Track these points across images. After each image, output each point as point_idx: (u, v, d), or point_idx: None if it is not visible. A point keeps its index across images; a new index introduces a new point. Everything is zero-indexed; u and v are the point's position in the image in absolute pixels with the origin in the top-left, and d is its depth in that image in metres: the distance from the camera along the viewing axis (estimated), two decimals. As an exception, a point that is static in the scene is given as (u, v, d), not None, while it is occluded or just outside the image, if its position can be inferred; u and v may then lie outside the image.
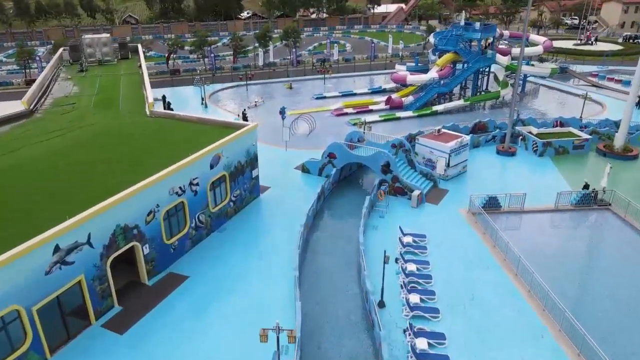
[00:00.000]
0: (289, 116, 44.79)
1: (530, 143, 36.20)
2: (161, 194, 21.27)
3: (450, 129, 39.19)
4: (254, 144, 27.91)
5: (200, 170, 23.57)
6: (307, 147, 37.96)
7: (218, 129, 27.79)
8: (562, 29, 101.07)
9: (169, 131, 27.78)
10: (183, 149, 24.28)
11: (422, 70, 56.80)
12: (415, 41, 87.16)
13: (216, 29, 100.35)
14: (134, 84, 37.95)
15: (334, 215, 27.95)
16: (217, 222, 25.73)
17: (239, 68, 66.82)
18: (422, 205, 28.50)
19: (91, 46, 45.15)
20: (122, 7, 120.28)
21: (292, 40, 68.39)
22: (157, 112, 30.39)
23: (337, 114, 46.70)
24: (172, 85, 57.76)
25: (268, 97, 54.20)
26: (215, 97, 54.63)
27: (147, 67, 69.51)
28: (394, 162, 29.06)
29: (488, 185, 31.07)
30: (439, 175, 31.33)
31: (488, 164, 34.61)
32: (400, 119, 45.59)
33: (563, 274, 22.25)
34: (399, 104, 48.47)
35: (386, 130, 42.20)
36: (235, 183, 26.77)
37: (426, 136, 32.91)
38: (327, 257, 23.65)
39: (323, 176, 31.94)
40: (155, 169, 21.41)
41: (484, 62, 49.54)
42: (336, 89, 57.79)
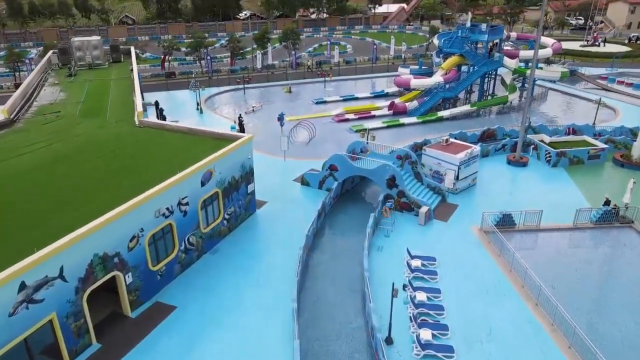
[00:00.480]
0: (287, 122, 42.85)
1: (542, 153, 34.22)
2: (146, 217, 19.30)
3: (457, 137, 37.31)
4: (250, 157, 25.94)
5: (190, 189, 21.61)
6: (307, 156, 36.02)
7: (211, 141, 25.82)
8: (567, 29, 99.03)
9: (157, 143, 25.80)
10: (172, 164, 22.39)
11: (426, 73, 54.84)
12: (418, 42, 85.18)
13: (214, 30, 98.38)
14: (124, 90, 35.95)
15: (335, 234, 25.96)
16: (209, 243, 23.76)
17: (237, 70, 64.77)
18: (431, 223, 26.52)
19: (81, 49, 43.13)
20: (119, 7, 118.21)
21: (291, 42, 66.33)
22: (146, 122, 28.42)
23: (338, 120, 44.72)
24: (167, 89, 55.76)
25: (266, 102, 52.21)
26: (211, 101, 52.62)
27: (141, 70, 67.84)
28: (400, 176, 27.08)
29: (499, 199, 29.15)
30: (448, 189, 29.36)
31: (499, 175, 32.63)
32: (404, 125, 43.58)
33: (587, 301, 20.35)
34: (402, 109, 46.48)
35: (390, 137, 40.32)
36: (229, 200, 24.80)
37: (433, 146, 30.93)
38: (329, 284, 21.68)
39: (324, 189, 29.99)
40: (140, 187, 19.47)
41: (491, 66, 47.55)
42: (337, 92, 55.78)
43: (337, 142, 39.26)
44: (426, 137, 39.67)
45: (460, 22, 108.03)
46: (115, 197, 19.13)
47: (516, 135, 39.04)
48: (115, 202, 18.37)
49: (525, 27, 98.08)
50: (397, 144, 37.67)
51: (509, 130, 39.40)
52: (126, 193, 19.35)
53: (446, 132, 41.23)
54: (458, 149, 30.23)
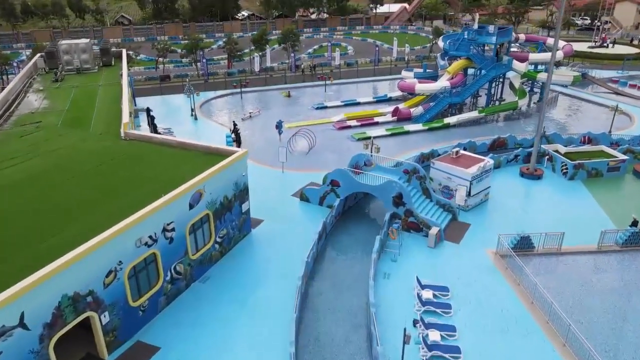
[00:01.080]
0: (286, 130, 40.70)
1: (558, 164, 32.02)
2: (125, 248, 17.13)
3: (466, 147, 35.19)
4: (244, 174, 23.76)
5: (177, 213, 19.42)
6: (307, 167, 33.88)
7: (202, 156, 23.68)
8: (573, 29, 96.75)
9: (143, 159, 23.61)
10: (158, 184, 20.29)
11: (431, 77, 52.54)
12: (421, 44, 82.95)
13: (212, 30, 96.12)
14: (112, 97, 33.74)
15: (337, 258, 23.74)
16: (199, 270, 21.58)
17: (234, 73, 62.52)
18: (441, 245, 24.34)
19: (68, 52, 40.92)
20: (116, 7, 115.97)
21: (290, 44, 64.08)
22: (132, 134, 26.23)
23: (340, 127, 42.52)
24: (161, 93, 53.54)
25: (264, 107, 50.01)
26: (207, 106, 50.39)
27: (135, 72, 65.69)
28: (408, 193, 24.89)
29: (514, 216, 27.00)
30: (458, 206, 27.18)
31: (512, 189, 30.44)
32: (409, 133, 41.38)
33: (620, 339, 18.16)
34: (407, 115, 44.28)
35: (394, 146, 38.18)
36: (222, 221, 22.62)
37: (442, 159, 28.74)
38: (330, 318, 19.49)
39: (324, 206, 27.81)
40: (120, 213, 17.35)
41: (500, 70, 45.33)
42: (338, 97, 53.58)
43: (339, 151, 37.14)
44: (433, 146, 37.52)
45: (464, 23, 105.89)
46: (90, 225, 17.01)
47: (528, 145, 36.97)
48: (91, 231, 16.25)
49: (530, 27, 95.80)
50: (402, 154, 35.66)
51: (521, 139, 37.23)
52: (104, 220, 17.23)
53: (453, 140, 39.17)
54: (469, 162, 28.04)
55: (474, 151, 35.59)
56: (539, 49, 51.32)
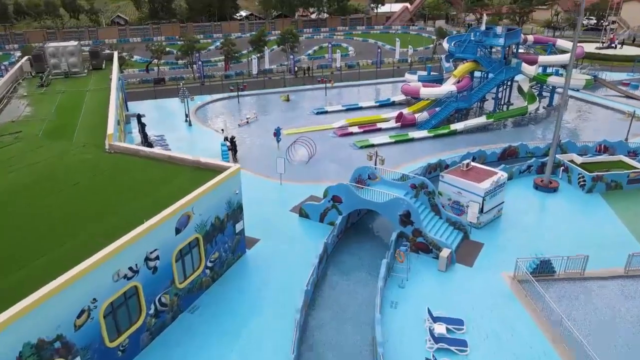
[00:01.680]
0: (285, 137, 38.72)
1: (575, 176, 30.02)
2: (100, 284, 15.12)
3: (476, 156, 33.22)
4: (237, 191, 21.75)
5: (162, 239, 17.42)
6: (306, 179, 31.91)
7: (191, 172, 21.69)
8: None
9: (127, 176, 21.60)
10: (142, 204, 18.35)
11: (436, 80, 50.65)
12: (424, 44, 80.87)
13: (209, 31, 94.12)
14: (100, 103, 31.70)
15: (339, 283, 21.71)
16: (188, 300, 19.59)
17: (231, 76, 60.48)
18: (453, 268, 22.33)
19: (55, 56, 38.88)
20: (113, 7, 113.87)
21: (289, 45, 62.03)
22: (117, 147, 24.21)
23: (341, 134, 40.51)
24: (155, 97, 51.51)
25: (262, 111, 48.00)
26: (202, 111, 48.38)
27: (129, 75, 63.61)
28: (416, 211, 22.87)
29: (530, 234, 25.01)
30: (470, 223, 25.18)
31: (526, 203, 28.44)
32: (414, 140, 39.35)
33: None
34: (411, 121, 42.26)
35: (398, 154, 36.17)
36: (213, 245, 20.62)
37: (452, 172, 26.72)
38: (332, 356, 17.49)
39: (325, 223, 25.81)
40: (96, 241, 15.40)
41: (509, 73, 43.31)
42: (339, 101, 51.54)
43: (340, 161, 35.17)
44: (440, 155, 35.59)
45: (467, 23, 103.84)
46: (61, 258, 15.06)
47: (540, 153, 35.04)
48: (61, 265, 14.26)
49: (535, 27, 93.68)
50: (407, 163, 33.70)
51: (532, 148, 35.25)
52: (77, 251, 15.28)
53: (461, 148, 37.20)
54: (481, 175, 26.04)
55: (483, 161, 33.71)
56: (548, 51, 49.31)
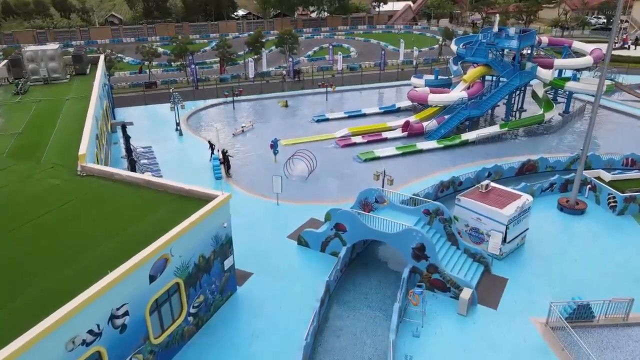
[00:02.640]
0: (282, 147, 35.80)
1: (604, 196, 27.05)
2: (50, 355, 12.19)
3: (492, 171, 30.28)
4: (226, 224, 18.78)
5: (131, 291, 14.48)
6: (306, 198, 28.97)
7: (172, 201, 18.73)
8: (588, 29, 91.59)
9: (98, 206, 18.63)
10: (110, 247, 15.47)
11: (444, 84, 47.63)
12: (428, 45, 77.78)
13: (206, 31, 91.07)
14: (78, 115, 28.65)
15: (344, 332, 18.73)
16: (166, 355, 16.61)
17: (227, 79, 57.44)
18: (474, 310, 19.39)
19: (34, 60, 35.87)
20: (108, 5, 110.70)
21: (287, 47, 58.94)
22: (90, 169, 21.25)
23: (343, 145, 37.51)
24: (145, 103, 48.50)
25: (259, 119, 45.00)
26: (195, 118, 45.37)
27: (120, 79, 60.41)
28: (431, 245, 19.92)
29: (559, 266, 22.09)
30: (491, 253, 22.23)
31: (551, 227, 25.50)
32: (423, 151, 36.35)
33: None
34: (419, 130, 39.27)
35: (406, 168, 33.22)
36: (197, 288, 17.69)
37: (470, 195, 23.72)
38: None
39: (327, 253, 22.88)
40: (49, 297, 12.59)
41: (524, 78, 40.29)
42: (340, 107, 48.50)
43: (343, 176, 32.22)
44: (451, 168, 32.74)
45: (472, 22, 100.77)
46: (4, 324, 12.12)
47: (562, 168, 32.13)
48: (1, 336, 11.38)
49: (543, 27, 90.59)
50: (416, 180, 30.80)
51: (553, 161, 32.29)
52: (23, 312, 12.45)
53: (473, 160, 34.31)
54: (502, 198, 23.06)
55: (500, 176, 30.81)
56: (564, 54, 46.29)
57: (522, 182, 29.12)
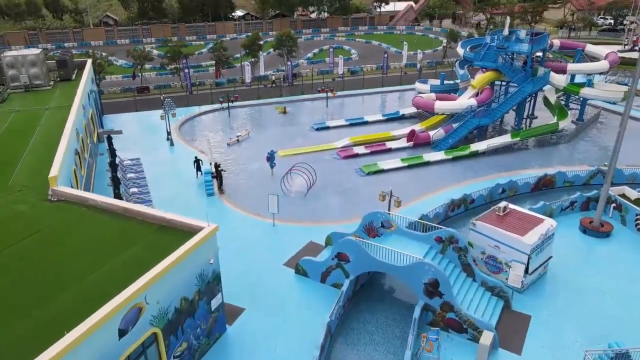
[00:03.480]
0: (280, 159, 33.51)
1: (631, 216, 24.73)
2: None
3: (506, 187, 27.99)
4: (212, 260, 16.44)
5: (95, 353, 12.16)
6: (305, 218, 26.72)
7: (152, 233, 16.42)
8: (595, 31, 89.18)
9: (67, 239, 16.31)
10: (73, 295, 13.28)
11: (450, 90, 45.32)
12: (432, 47, 75.40)
13: (203, 32, 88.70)
14: (57, 126, 26.19)
15: (348, 382, 16.49)
16: (141, 417, 14.32)
17: (223, 84, 55.06)
18: (495, 355, 17.08)
19: (14, 66, 33.56)
20: (104, 5, 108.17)
21: (286, 50, 56.54)
22: (63, 193, 18.94)
23: (345, 156, 35.16)
24: (137, 109, 46.14)
25: (255, 126, 42.65)
26: (188, 126, 42.99)
27: (111, 83, 57.74)
28: (446, 281, 17.59)
29: (588, 300, 19.83)
30: (510, 285, 19.92)
31: (575, 253, 23.19)
32: (429, 164, 34.01)
33: None
34: (425, 139, 36.92)
35: (412, 182, 30.93)
36: (179, 335, 15.35)
37: (486, 218, 21.40)
38: None
39: (328, 284, 20.57)
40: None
41: (537, 84, 37.94)
42: (341, 113, 46.13)
43: (345, 192, 29.90)
44: (461, 183, 30.44)
45: (475, 22, 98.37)
46: None
47: (581, 182, 29.84)
48: None
49: (548, 28, 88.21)
50: (423, 196, 28.52)
51: (571, 176, 29.96)
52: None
53: (484, 174, 32.04)
54: (524, 224, 20.73)
55: (515, 192, 28.56)
56: (577, 58, 43.95)
57: (539, 199, 26.96)
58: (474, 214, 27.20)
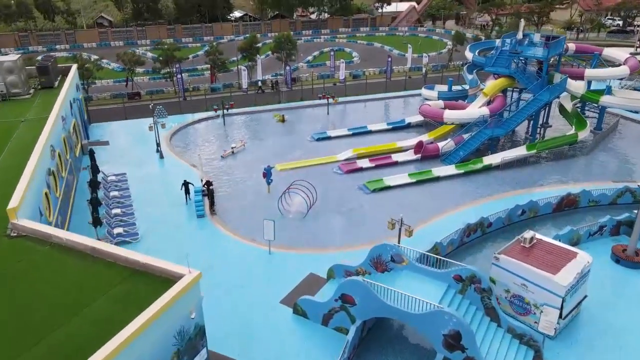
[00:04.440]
0: (277, 174, 30.99)
1: (668, 245, 22.17)
2: None
3: (525, 208, 25.46)
4: (193, 315, 13.85)
5: None
6: (304, 244, 24.13)
7: (123, 280, 13.86)
8: (603, 32, 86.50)
9: (17, 289, 13.73)
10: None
11: (459, 97, 42.73)
12: (437, 49, 72.75)
13: (199, 33, 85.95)
14: (30, 143, 23.62)
15: None
16: None
17: (218, 89, 52.41)
18: (528, 422, 14.52)
19: (-10, 74, 31.01)
20: (101, 6, 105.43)
21: (285, 53, 53.89)
22: (23, 228, 16.34)
23: (347, 170, 32.56)
24: (126, 117, 43.52)
25: (252, 136, 40.03)
26: (180, 136, 40.28)
27: (101, 89, 54.97)
28: (470, 333, 15.00)
29: (628, 346, 17.26)
30: (541, 331, 17.34)
31: (608, 287, 20.62)
32: (439, 179, 31.43)
33: None
34: (434, 152, 34.33)
35: (421, 201, 28.40)
36: (152, 407, 12.77)
37: (511, 251, 18.82)
38: None
39: (331, 328, 18.00)
40: None
41: (554, 92, 35.34)
42: (343, 122, 43.48)
43: (349, 213, 27.32)
44: (475, 201, 27.97)
45: (480, 24, 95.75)
46: None
47: (607, 202, 27.29)
48: None
49: (556, 29, 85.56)
50: (434, 217, 26.06)
51: (597, 194, 27.37)
52: None
53: (500, 190, 29.52)
54: (554, 258, 18.17)
55: (535, 214, 26.01)
56: (594, 63, 41.34)
57: (562, 222, 24.55)
58: (492, 238, 24.82)
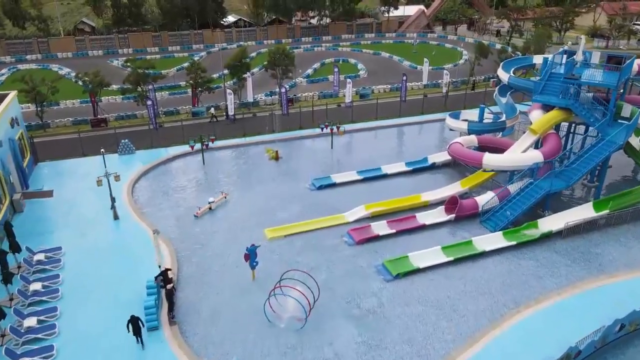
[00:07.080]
0: (267, 244, 23.02)
1: None
2: None
3: (625, 322, 17.26)
4: None
5: None
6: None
7: None
8: (634, 39, 78.27)
9: None
10: None
11: (495, 129, 34.57)
12: (452, 60, 64.63)
13: (188, 42, 77.94)
14: None
15: None
16: None
17: (201, 113, 44.26)
18: None
19: None
20: (86, 10, 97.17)
21: (280, 69, 45.72)
22: None
23: (360, 240, 24.38)
24: (83, 153, 35.37)
25: (237, 181, 31.86)
26: (147, 181, 31.89)
27: (63, 112, 45.72)
28: None
29: None
30: None
31: None
32: (485, 254, 23.31)
33: None
34: (472, 210, 26.23)
35: (464, 292, 20.34)
36: None
37: None
38: None
39: None
40: None
41: (627, 131, 27.17)
42: (351, 160, 35.23)
43: (364, 318, 19.13)
44: (544, 305, 19.89)
45: (494, 30, 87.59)
46: None
47: None
48: None
49: (580, 36, 77.49)
50: (491, 333, 17.82)
51: None
52: None
53: (571, 277, 21.47)
54: None
55: (637, 327, 17.85)
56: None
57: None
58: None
